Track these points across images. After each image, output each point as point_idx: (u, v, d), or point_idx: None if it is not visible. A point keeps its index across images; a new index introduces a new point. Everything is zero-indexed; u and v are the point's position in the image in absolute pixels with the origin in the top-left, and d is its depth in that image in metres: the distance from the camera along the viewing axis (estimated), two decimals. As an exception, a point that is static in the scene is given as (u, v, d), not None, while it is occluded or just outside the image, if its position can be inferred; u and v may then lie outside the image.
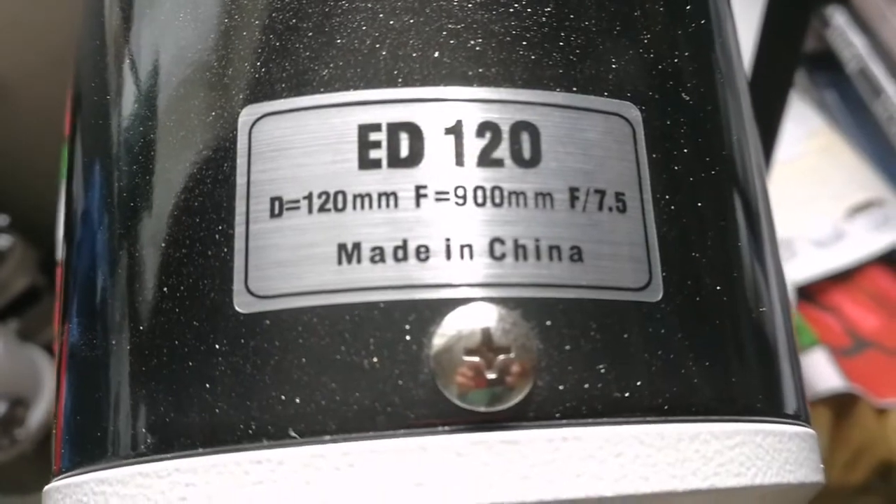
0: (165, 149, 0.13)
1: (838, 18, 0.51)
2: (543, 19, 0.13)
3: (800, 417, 0.14)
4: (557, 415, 0.11)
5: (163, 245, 0.12)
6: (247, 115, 0.12)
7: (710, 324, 0.12)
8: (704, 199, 0.13)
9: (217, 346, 0.12)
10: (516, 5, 0.13)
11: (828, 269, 0.46)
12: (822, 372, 0.43)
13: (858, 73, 0.51)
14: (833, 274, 0.46)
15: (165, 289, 0.12)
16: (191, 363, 0.12)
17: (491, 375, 0.11)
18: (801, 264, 0.46)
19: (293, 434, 0.11)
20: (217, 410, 0.11)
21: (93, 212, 0.14)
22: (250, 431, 0.11)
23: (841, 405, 0.41)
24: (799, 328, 0.45)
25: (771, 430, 0.12)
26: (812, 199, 0.49)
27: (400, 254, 0.11)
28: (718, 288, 0.13)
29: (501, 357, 0.11)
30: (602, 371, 0.11)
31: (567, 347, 0.11)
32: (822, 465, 0.14)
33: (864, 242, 0.47)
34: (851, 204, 0.48)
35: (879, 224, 0.48)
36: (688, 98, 0.13)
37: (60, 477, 0.13)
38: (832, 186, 0.49)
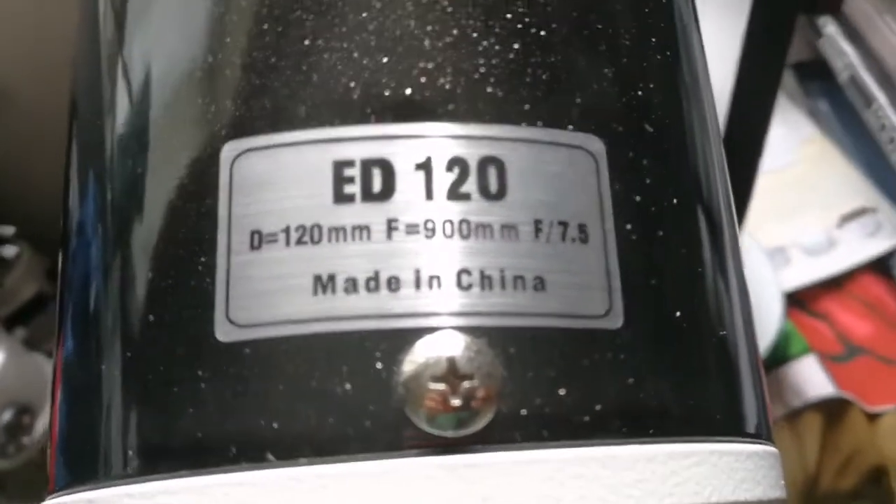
0: (152, 179, 0.14)
1: (830, 28, 0.52)
2: (511, 56, 0.13)
3: (761, 436, 0.14)
4: (520, 438, 0.12)
5: (150, 274, 0.13)
6: (229, 150, 0.13)
7: (670, 348, 0.13)
8: (667, 227, 0.14)
9: (199, 373, 0.12)
10: (485, 44, 0.13)
11: (820, 277, 0.47)
12: (813, 379, 0.44)
13: (850, 83, 0.51)
14: (825, 281, 0.47)
15: (152, 316, 0.13)
16: (175, 389, 0.12)
17: (456, 402, 0.11)
18: (793, 272, 0.47)
19: (271, 457, 0.12)
20: (200, 434, 0.12)
21: (86, 228, 0.14)
22: (231, 455, 0.12)
23: (832, 411, 0.42)
24: (790, 336, 0.45)
25: (728, 450, 0.13)
26: (805, 206, 0.49)
27: (372, 284, 0.12)
28: (679, 314, 0.13)
29: (466, 384, 0.12)
30: (563, 395, 0.12)
31: (530, 373, 0.12)
32: (782, 482, 0.14)
33: (856, 250, 0.47)
34: (844, 212, 0.49)
35: (871, 231, 0.49)
36: (652, 129, 0.14)
37: (53, 496, 0.13)
38: (825, 194, 0.50)
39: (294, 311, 0.12)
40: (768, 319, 0.44)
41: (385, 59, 0.13)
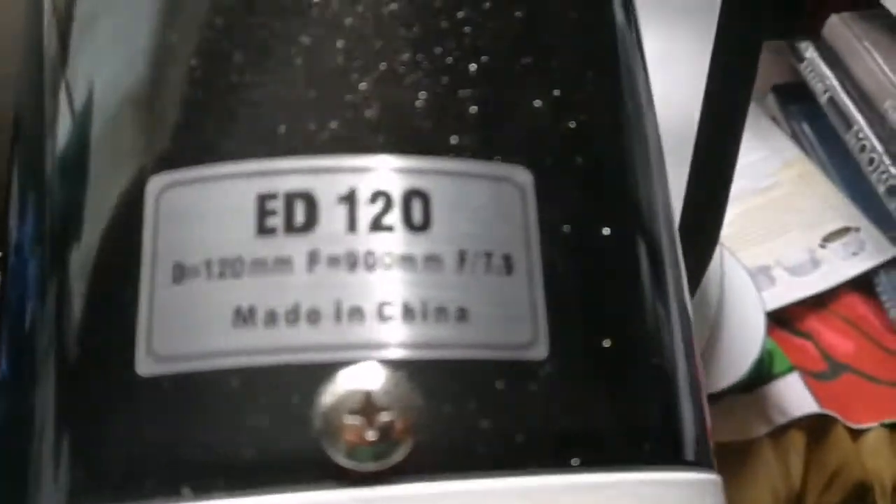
0: (85, 209, 0.14)
1: (811, 53, 0.53)
2: (438, 90, 0.13)
3: (700, 463, 0.14)
4: (439, 470, 0.12)
5: (78, 306, 0.13)
6: (155, 183, 0.13)
7: (598, 378, 0.13)
8: (598, 258, 0.14)
9: (120, 406, 0.12)
10: (412, 78, 0.13)
11: (804, 295, 0.47)
12: (797, 397, 0.44)
13: (830, 105, 0.52)
14: (809, 300, 0.47)
15: (78, 349, 0.13)
16: (98, 422, 0.12)
17: (372, 435, 0.11)
18: (777, 291, 0.47)
19: (187, 492, 0.12)
20: (120, 468, 0.12)
21: (23, 251, 0.14)
22: (146, 489, 0.12)
23: (816, 429, 0.42)
24: (773, 354, 0.45)
25: (656, 479, 0.13)
26: (788, 227, 0.50)
27: (291, 317, 0.12)
28: (608, 343, 0.13)
29: (383, 417, 0.12)
30: (484, 427, 0.12)
31: (449, 405, 0.12)
32: None
33: (839, 269, 0.48)
34: (827, 231, 0.49)
35: (854, 250, 0.49)
36: (583, 161, 0.14)
37: None
38: (807, 214, 0.50)
39: (214, 344, 0.12)
40: (752, 339, 0.44)
41: (311, 94, 0.13)
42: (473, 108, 0.13)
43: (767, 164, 0.52)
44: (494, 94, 0.14)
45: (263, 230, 0.12)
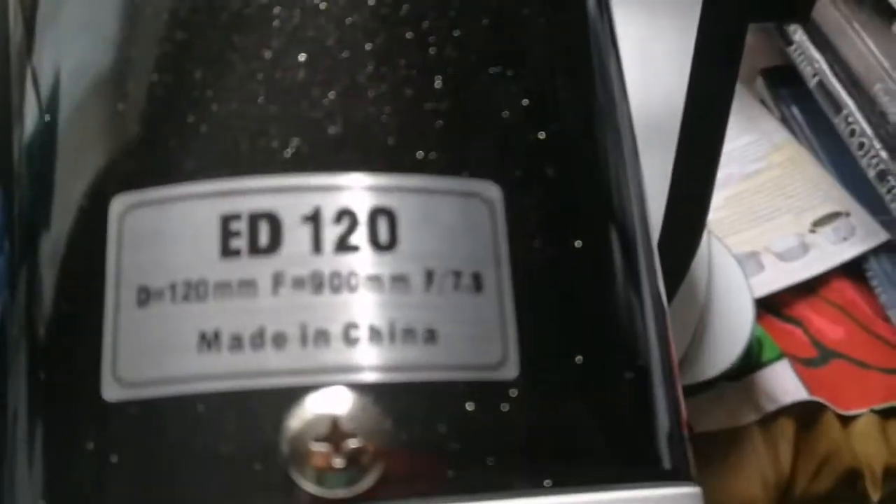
0: (48, 230, 0.13)
1: (800, 36, 0.52)
2: (403, 104, 0.13)
3: (678, 476, 0.14)
4: (410, 496, 0.12)
5: (42, 330, 0.13)
6: (118, 204, 0.13)
7: (570, 396, 0.13)
8: (569, 271, 0.14)
9: (86, 434, 0.12)
10: (376, 92, 0.13)
11: (793, 281, 0.47)
12: (786, 384, 0.44)
13: (820, 89, 0.52)
14: (799, 286, 0.47)
15: (43, 373, 0.13)
16: (63, 450, 0.12)
17: (338, 461, 0.11)
18: (766, 277, 0.47)
19: None
20: (87, 495, 0.12)
21: None
22: None
23: (805, 416, 0.42)
24: (762, 342, 0.45)
25: (632, 497, 0.13)
26: (777, 212, 0.50)
27: (257, 341, 0.12)
28: (579, 360, 0.13)
29: (350, 442, 0.11)
30: (454, 450, 0.12)
31: (419, 429, 0.12)
32: None
33: (829, 254, 0.47)
34: (816, 216, 0.49)
35: (844, 235, 0.49)
36: (554, 173, 0.14)
37: None
38: (797, 199, 0.50)
39: (179, 369, 0.12)
40: (740, 327, 0.44)
41: (274, 110, 0.13)
42: (440, 122, 0.13)
43: (756, 148, 0.52)
44: (461, 107, 0.13)
45: (227, 252, 0.12)
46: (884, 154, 0.48)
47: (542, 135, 0.14)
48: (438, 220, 0.13)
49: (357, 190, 0.13)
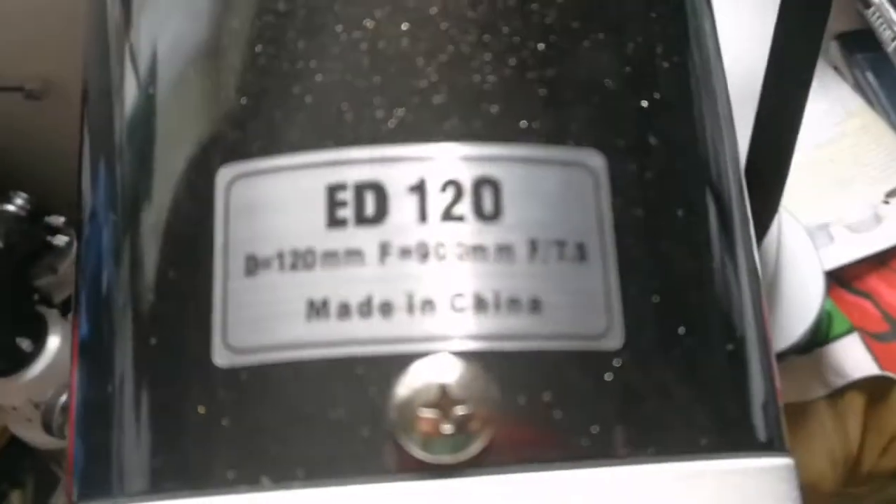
0: (154, 201, 0.14)
1: (879, -2, 0.50)
2: (507, 72, 0.13)
3: (772, 447, 0.14)
4: (517, 462, 0.12)
5: (150, 297, 0.13)
6: (224, 175, 0.13)
7: (672, 366, 0.13)
8: (672, 241, 0.13)
9: (198, 397, 0.12)
10: (479, 60, 0.13)
11: (865, 254, 0.46)
12: (855, 358, 0.43)
13: (897, 53, 0.50)
14: (870, 258, 0.46)
15: (153, 339, 0.13)
16: (175, 411, 0.13)
17: (448, 427, 0.12)
18: (837, 249, 0.46)
19: (266, 481, 0.12)
20: (198, 457, 0.12)
21: (98, 217, 0.14)
22: (228, 478, 0.12)
23: (876, 390, 0.41)
24: (832, 315, 0.44)
25: (732, 467, 0.13)
26: (849, 182, 0.48)
27: (364, 309, 0.12)
28: (682, 330, 0.13)
29: (459, 409, 0.12)
30: (560, 418, 0.12)
31: (525, 397, 0.12)
32: (795, 493, 0.14)
33: (902, 226, 0.46)
34: (890, 187, 0.48)
35: (919, 206, 0.47)
36: (656, 141, 0.14)
37: None
38: (870, 169, 0.48)
39: (288, 336, 0.12)
40: (810, 300, 0.44)
41: (377, 80, 0.13)
42: (543, 91, 0.13)
43: (829, 115, 0.50)
44: (564, 75, 0.13)
45: (334, 221, 0.12)
46: (963, 122, 0.46)
47: (644, 103, 0.14)
48: (542, 189, 0.13)
49: (462, 160, 0.13)
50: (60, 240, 0.43)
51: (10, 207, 0.30)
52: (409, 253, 0.12)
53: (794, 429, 0.41)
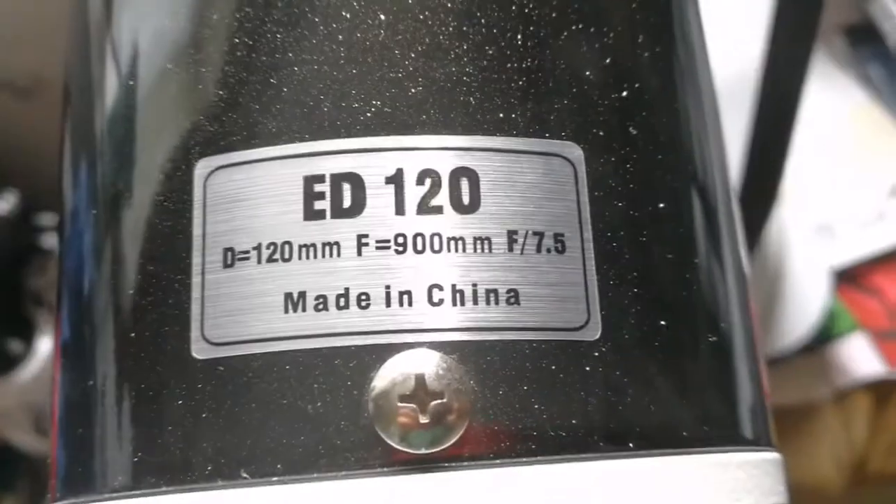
0: (133, 196, 0.14)
1: (880, -9, 0.50)
2: (485, 63, 0.13)
3: (758, 442, 0.14)
4: (494, 455, 0.12)
5: (130, 292, 0.13)
6: (202, 167, 0.13)
7: (652, 358, 0.13)
8: (652, 232, 0.13)
9: (177, 391, 0.12)
10: (457, 50, 0.13)
11: (870, 251, 0.45)
12: (861, 357, 0.43)
13: (901, 48, 0.49)
14: (875, 254, 0.45)
15: (133, 334, 0.13)
16: (154, 406, 0.13)
17: (424, 419, 0.11)
18: (842, 246, 0.45)
19: (244, 475, 0.12)
20: (178, 452, 0.12)
21: (79, 217, 0.14)
22: (207, 472, 0.12)
23: (882, 391, 0.41)
24: (836, 312, 0.44)
25: (713, 461, 0.13)
26: (854, 177, 0.48)
27: (342, 302, 0.12)
28: (663, 322, 0.13)
29: (435, 401, 0.11)
30: (537, 411, 0.12)
31: (502, 389, 0.12)
32: (782, 487, 0.14)
33: (908, 222, 0.46)
34: (895, 182, 0.47)
35: (924, 203, 0.47)
36: (637, 131, 0.14)
37: None
38: (875, 164, 0.48)
39: (265, 329, 0.12)
40: (813, 297, 0.43)
41: (354, 71, 0.13)
42: (521, 82, 0.13)
43: (833, 110, 0.50)
44: (543, 66, 0.13)
45: (311, 214, 0.12)
46: (968, 118, 0.46)
47: (624, 94, 0.14)
48: (520, 181, 0.13)
49: (439, 151, 0.13)
50: (51, 239, 0.43)
51: (0, 207, 0.30)
52: (387, 245, 0.12)
53: (797, 430, 0.40)
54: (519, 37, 0.13)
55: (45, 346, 0.31)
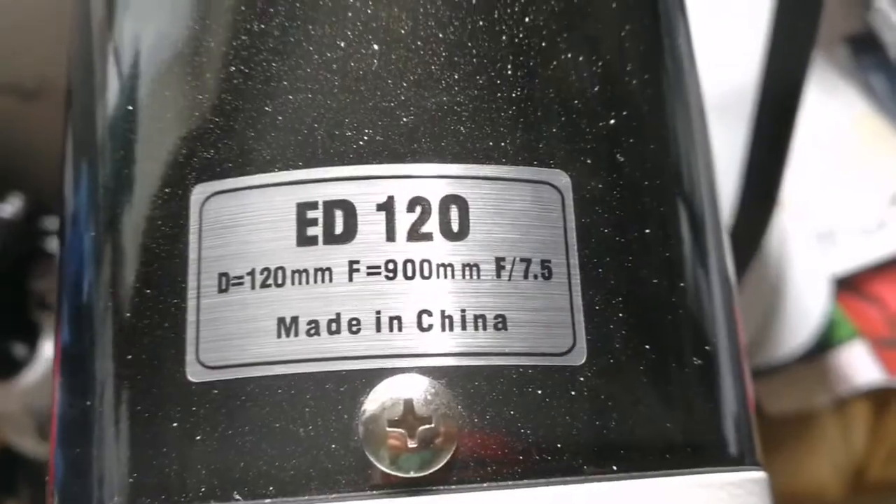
0: (131, 216, 0.14)
1: (881, 2, 0.50)
2: (475, 92, 0.13)
3: (743, 461, 0.14)
4: (482, 478, 0.12)
5: (127, 314, 0.14)
6: (198, 193, 0.13)
7: (637, 381, 0.13)
8: (638, 257, 0.14)
9: (172, 413, 0.13)
10: (448, 80, 0.13)
11: (871, 259, 0.45)
12: (861, 365, 0.43)
13: (902, 58, 0.49)
14: (875, 262, 0.46)
15: (129, 356, 0.13)
16: (150, 427, 0.13)
17: (413, 444, 0.12)
18: (843, 253, 0.46)
19: (237, 497, 0.12)
20: (173, 473, 0.13)
21: (78, 220, 0.15)
22: (201, 493, 0.12)
23: (881, 399, 0.41)
24: (837, 322, 0.44)
25: (699, 482, 0.13)
26: (855, 185, 0.48)
27: (333, 327, 0.12)
28: (648, 346, 0.13)
29: (424, 426, 0.12)
30: (523, 435, 0.12)
31: (489, 414, 0.12)
32: None
33: (908, 230, 0.46)
34: (895, 191, 0.47)
35: (925, 211, 0.47)
36: (624, 159, 0.14)
37: None
38: (876, 173, 0.48)
39: (259, 353, 0.12)
40: (814, 304, 0.43)
41: (348, 100, 0.13)
42: (511, 110, 0.13)
43: (836, 118, 0.49)
44: (532, 95, 0.13)
45: (304, 240, 0.13)
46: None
47: (612, 121, 0.14)
48: (509, 208, 0.13)
49: (429, 179, 0.13)
50: (56, 242, 0.43)
51: (5, 210, 0.31)
52: (378, 271, 0.12)
53: (797, 437, 0.41)
54: (509, 67, 0.13)
55: (48, 349, 0.31)
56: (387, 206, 0.13)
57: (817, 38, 0.29)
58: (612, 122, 0.14)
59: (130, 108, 0.15)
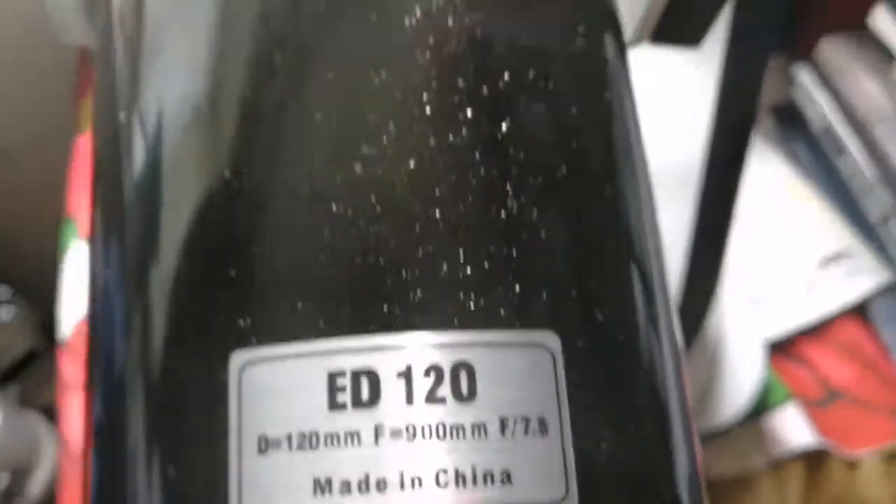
0: (167, 393, 0.16)
1: (803, 77, 0.53)
2: (478, 268, 0.15)
3: None
4: None
5: (171, 470, 0.15)
6: (236, 361, 0.15)
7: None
8: (619, 404, 0.16)
9: None
10: (454, 260, 0.15)
11: (801, 323, 0.48)
12: (794, 427, 0.45)
13: (823, 132, 0.52)
14: (805, 326, 0.48)
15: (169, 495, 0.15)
16: None
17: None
18: (775, 317, 0.48)
19: None
20: None
21: (109, 293, 0.16)
22: None
23: (814, 460, 0.43)
24: (771, 385, 0.46)
25: None
26: (783, 250, 0.50)
27: (363, 486, 0.14)
28: (632, 482, 0.15)
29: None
30: None
31: None
32: None
33: (835, 294, 0.48)
34: (823, 256, 0.49)
35: (849, 275, 0.49)
36: (601, 317, 0.16)
37: None
38: (803, 238, 0.50)
39: None
40: (749, 369, 0.45)
41: (368, 279, 0.15)
42: (511, 280, 0.15)
43: (763, 185, 0.51)
44: (526, 268, 0.16)
45: (334, 405, 0.14)
46: (885, 196, 0.48)
47: (593, 284, 0.16)
48: (509, 370, 0.15)
49: (441, 347, 0.15)
50: (6, 313, 0.43)
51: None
52: (400, 433, 0.14)
53: (737, 500, 0.42)
54: (504, 247, 0.16)
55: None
56: (406, 374, 0.15)
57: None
58: (592, 282, 0.16)
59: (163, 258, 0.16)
